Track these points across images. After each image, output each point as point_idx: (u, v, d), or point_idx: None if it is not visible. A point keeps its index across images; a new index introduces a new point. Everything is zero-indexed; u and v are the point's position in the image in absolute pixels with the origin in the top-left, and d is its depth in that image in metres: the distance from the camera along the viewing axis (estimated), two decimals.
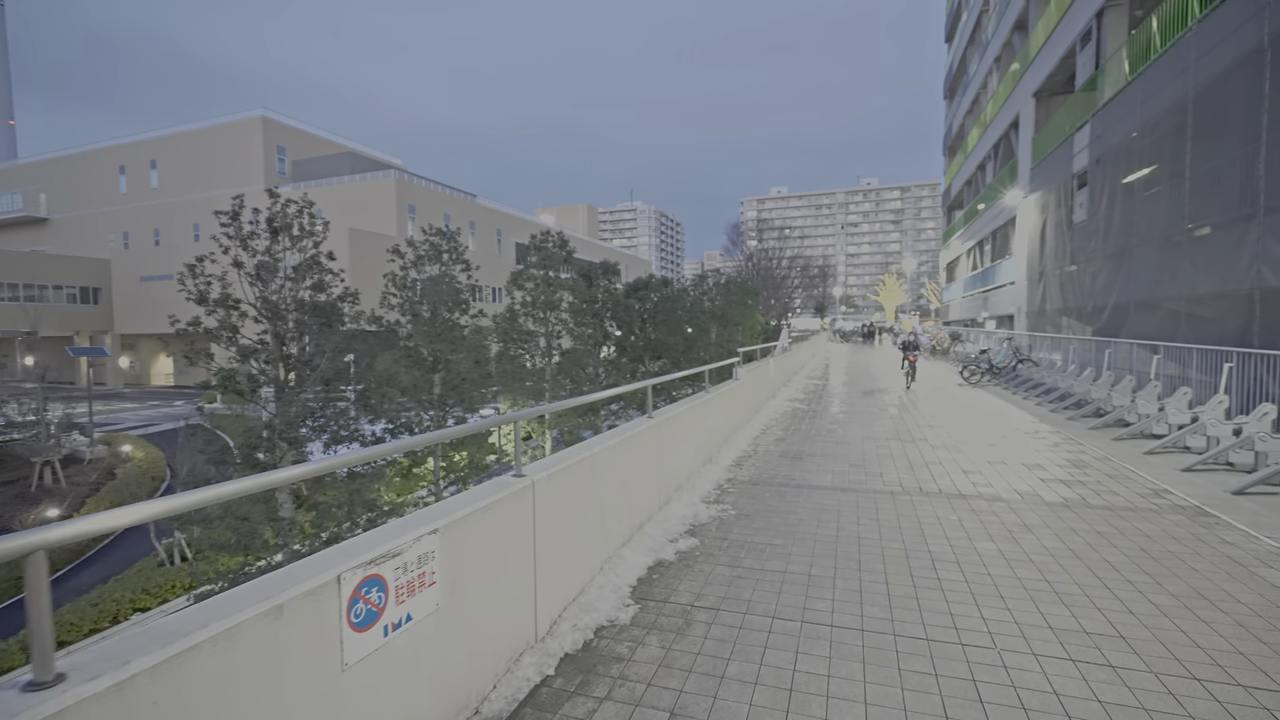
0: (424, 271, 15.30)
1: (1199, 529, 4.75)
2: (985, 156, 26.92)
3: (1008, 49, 23.69)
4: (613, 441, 4.18)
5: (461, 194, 49.48)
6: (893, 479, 6.41)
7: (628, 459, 4.49)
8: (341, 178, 44.55)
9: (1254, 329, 8.48)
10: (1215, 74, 9.56)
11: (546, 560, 3.27)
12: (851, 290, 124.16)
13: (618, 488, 4.29)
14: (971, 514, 5.20)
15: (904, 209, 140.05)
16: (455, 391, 14.77)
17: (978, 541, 4.53)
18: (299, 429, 10.43)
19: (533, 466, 3.37)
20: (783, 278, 64.13)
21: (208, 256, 10.70)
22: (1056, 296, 16.56)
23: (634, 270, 64.94)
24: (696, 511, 5.34)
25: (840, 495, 5.83)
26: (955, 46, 35.44)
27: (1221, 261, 9.27)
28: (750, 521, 5.09)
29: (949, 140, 37.91)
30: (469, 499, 2.75)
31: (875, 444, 8.24)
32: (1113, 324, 12.93)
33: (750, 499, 5.74)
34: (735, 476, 6.60)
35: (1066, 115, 16.62)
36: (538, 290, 19.06)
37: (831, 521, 5.05)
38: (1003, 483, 6.18)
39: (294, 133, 47.00)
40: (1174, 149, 10.65)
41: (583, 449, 3.85)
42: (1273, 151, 8.18)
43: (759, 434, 9.03)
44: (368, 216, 41.71)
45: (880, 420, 10.20)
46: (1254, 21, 8.58)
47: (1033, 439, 8.43)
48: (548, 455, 3.94)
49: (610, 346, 26.11)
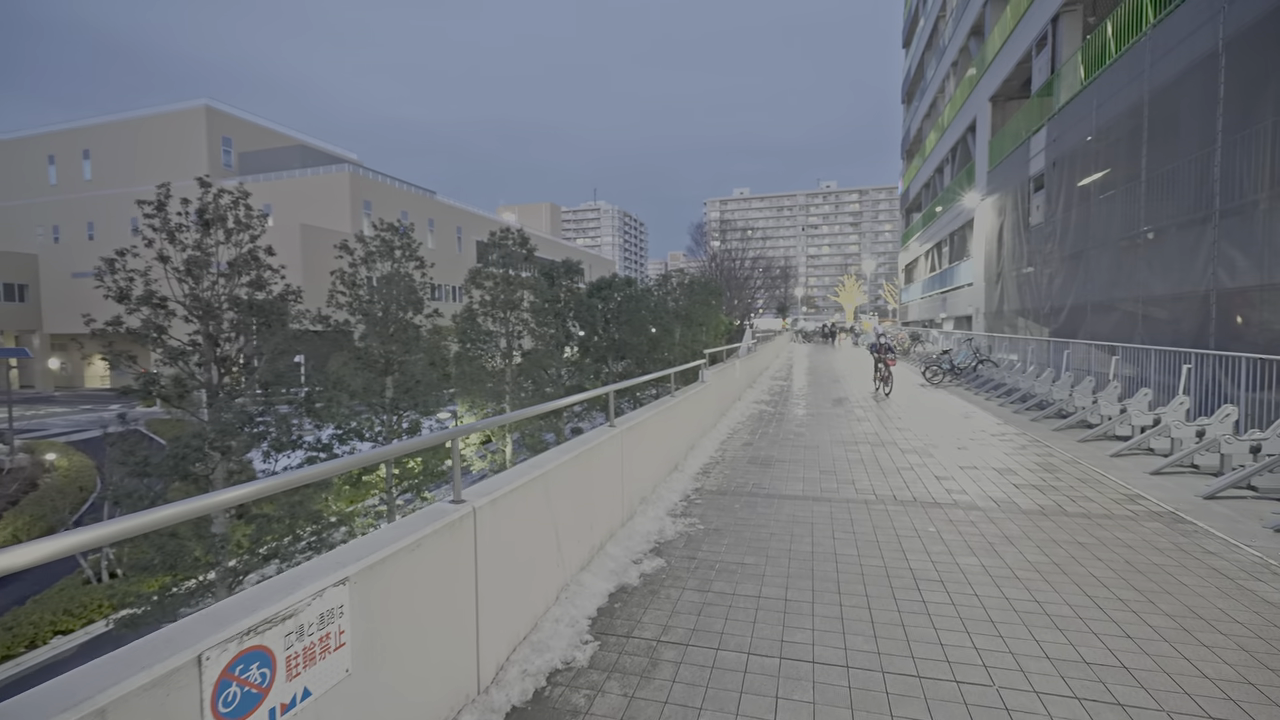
0: (375, 269, 14.52)
1: (1179, 537, 4.60)
2: (943, 160, 27.41)
3: (964, 54, 24.12)
4: (569, 456, 3.76)
5: (420, 190, 48.14)
6: (865, 486, 6.16)
7: (587, 473, 4.08)
8: (292, 172, 42.75)
9: (1210, 330, 8.58)
10: (1170, 78, 9.69)
11: (492, 597, 2.83)
12: (812, 291, 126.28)
13: (576, 506, 3.87)
14: (949, 524, 4.96)
15: (862, 212, 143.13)
16: (409, 395, 14.05)
17: (960, 556, 4.27)
18: (236, 436, 9.64)
19: (475, 490, 2.93)
20: (745, 278, 64.60)
21: (129, 250, 9.79)
22: (1014, 298, 16.82)
23: (598, 270, 64.45)
24: (662, 527, 4.96)
25: (813, 506, 5.53)
26: (913, 52, 36.10)
27: (1177, 263, 9.39)
28: (720, 537, 4.74)
29: (907, 143, 38.62)
30: (391, 535, 2.29)
31: (844, 448, 8.02)
32: (1070, 325, 13.12)
33: (719, 511, 5.39)
34: (703, 486, 6.25)
35: (1023, 119, 16.90)
36: (497, 289, 18.42)
37: (806, 535, 4.74)
38: (976, 489, 5.99)
39: (240, 124, 44.91)
40: (1130, 152, 10.81)
41: (534, 466, 3.42)
42: (1228, 155, 8.29)
43: (726, 438, 8.72)
44: (320, 212, 40.12)
45: (847, 423, 10.03)
46: (1208, 26, 8.70)
47: (1000, 441, 8.34)
48: (508, 459, 3.49)
49: (573, 347, 25.60)
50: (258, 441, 10.15)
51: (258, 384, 10.49)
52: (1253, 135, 7.85)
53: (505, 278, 18.48)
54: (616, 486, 4.73)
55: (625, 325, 23.36)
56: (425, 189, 49.43)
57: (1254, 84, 7.91)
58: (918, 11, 34.15)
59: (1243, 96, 8.08)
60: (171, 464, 9.25)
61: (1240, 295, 8.07)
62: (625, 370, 27.42)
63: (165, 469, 9.31)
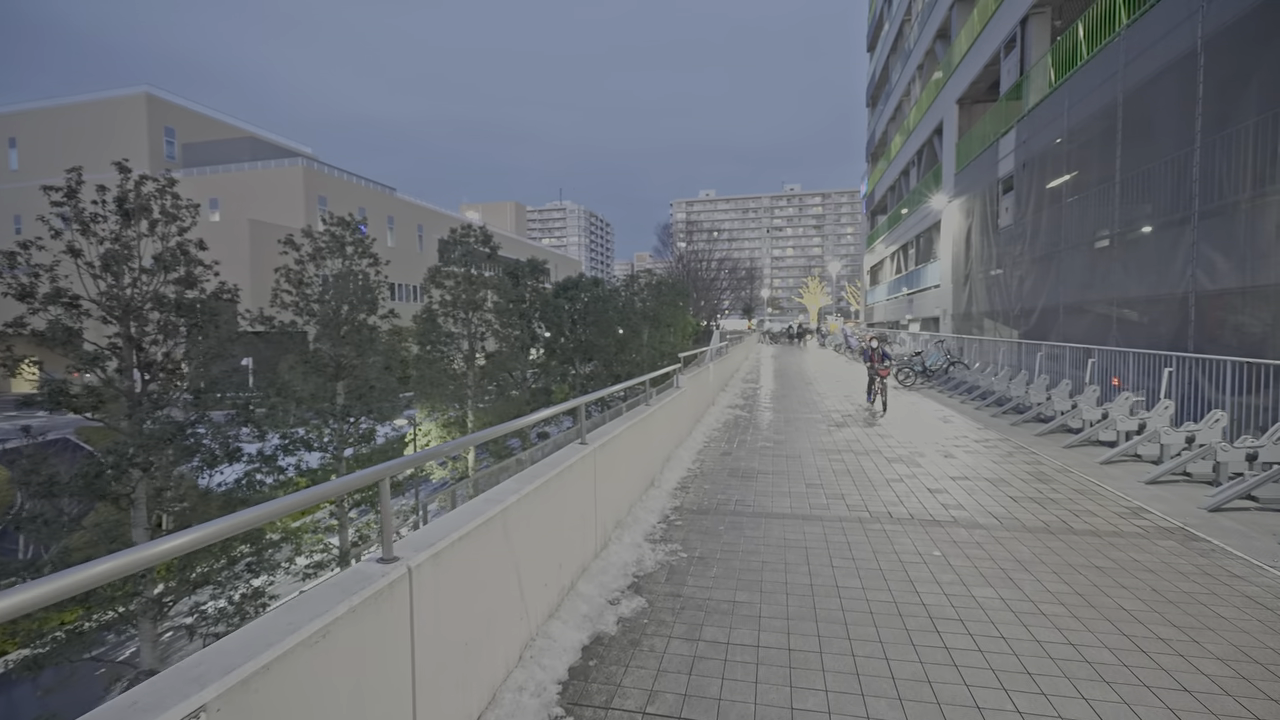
0: (325, 266, 13.55)
1: (1198, 558, 4.26)
2: (909, 162, 27.60)
3: (930, 57, 24.27)
4: (533, 485, 3.15)
5: (379, 186, 46.51)
6: (856, 502, 5.72)
7: (555, 502, 3.48)
8: (241, 165, 40.74)
9: (1189, 333, 8.46)
10: (1145, 78, 9.60)
11: (435, 677, 2.22)
12: (777, 292, 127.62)
13: (542, 543, 3.27)
14: (954, 546, 4.53)
15: (825, 215, 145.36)
16: (362, 400, 13.14)
17: (974, 587, 3.83)
18: (161, 450, 8.65)
19: (415, 540, 2.30)
20: (712, 279, 64.69)
21: (33, 242, 8.71)
22: (983, 299, 16.82)
23: (564, 270, 63.56)
24: (641, 556, 4.40)
25: (804, 526, 5.05)
26: (877, 56, 36.44)
27: (1154, 265, 9.29)
28: (706, 568, 4.20)
29: (872, 146, 38.99)
30: (283, 625, 1.66)
31: (828, 457, 7.59)
32: (1041, 327, 13.07)
33: (703, 535, 4.85)
34: (682, 504, 5.71)
35: (991, 121, 16.93)
36: (458, 289, 17.56)
37: (801, 564, 4.24)
38: (973, 503, 5.60)
39: (185, 113, 42.58)
40: (1103, 153, 10.72)
41: (491, 501, 2.81)
42: (1207, 155, 8.16)
43: (703, 448, 8.21)
44: (272, 208, 38.29)
45: (826, 428, 9.64)
46: (1186, 25, 8.58)
47: (986, 449, 8.05)
48: (470, 465, 2.85)
49: (539, 349, 24.82)
50: (187, 456, 9.17)
51: (188, 391, 9.47)
52: (1234, 135, 7.72)
53: (467, 277, 17.63)
54: (589, 513, 4.15)
55: (592, 326, 22.74)
56: (385, 185, 47.81)
57: (1234, 83, 7.79)
58: (882, 15, 34.46)
59: (1223, 96, 7.97)
60: (83, 483, 8.20)
61: (1221, 298, 7.95)
62: (593, 372, 26.79)
63: (76, 488, 8.26)
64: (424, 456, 2.62)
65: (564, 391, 29.12)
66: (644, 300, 33.41)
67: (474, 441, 2.99)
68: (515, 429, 3.64)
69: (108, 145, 39.37)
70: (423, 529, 2.42)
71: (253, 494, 10.05)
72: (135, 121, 39.87)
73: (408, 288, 43.51)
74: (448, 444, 2.69)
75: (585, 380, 26.75)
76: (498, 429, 3.35)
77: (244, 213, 37.40)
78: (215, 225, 36.76)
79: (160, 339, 9.34)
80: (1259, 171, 7.31)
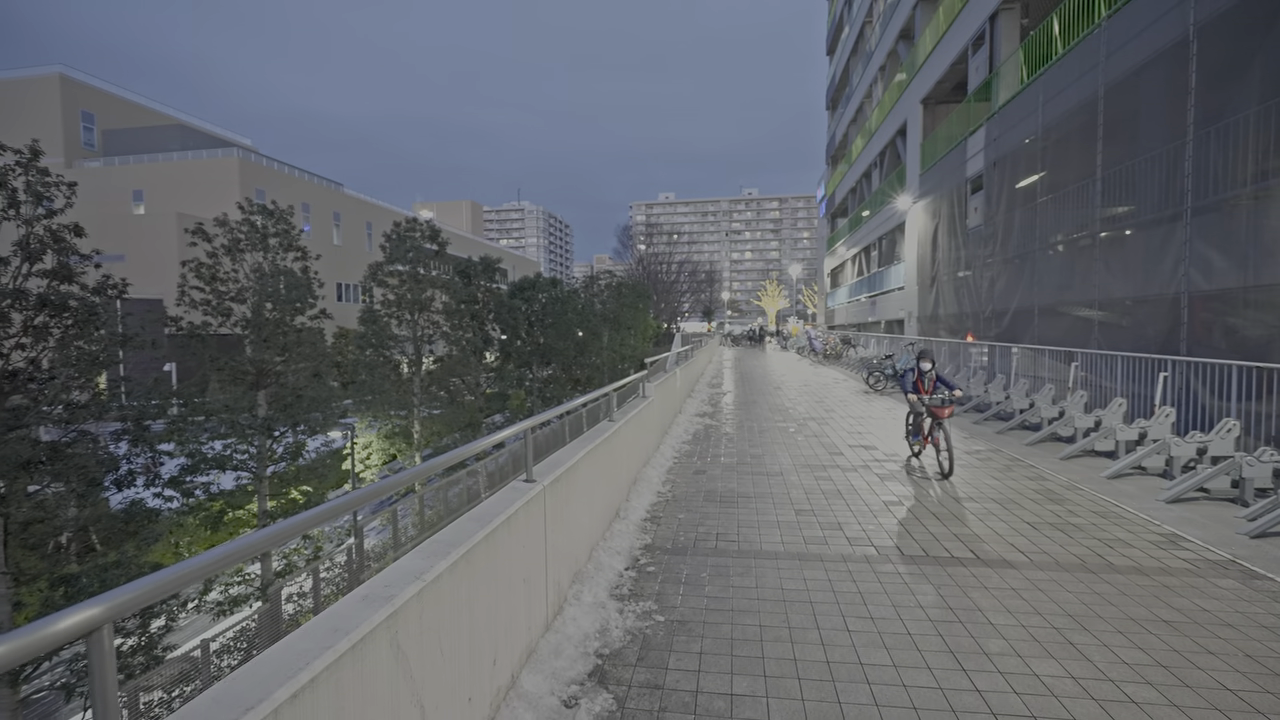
0: (243, 260, 12.02)
1: (1274, 604, 3.56)
2: (871, 164, 27.46)
3: (892, 58, 24.12)
4: (446, 563, 2.13)
5: (325, 181, 44.06)
6: (857, 533, 4.87)
7: (484, 575, 2.47)
8: (170, 154, 37.81)
9: (1181, 335, 8.02)
10: (1130, 70, 9.18)
11: None
12: (737, 295, 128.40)
13: (463, 641, 2.26)
14: (987, 594, 3.71)
15: (782, 219, 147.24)
16: (287, 411, 11.69)
17: (1035, 661, 2.99)
18: (16, 476, 7.11)
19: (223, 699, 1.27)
20: (672, 282, 64.24)
21: None
22: (951, 301, 16.49)
23: (521, 270, 62.03)
24: (605, 621, 3.42)
25: (803, 570, 4.16)
26: (837, 59, 36.46)
27: (1141, 265, 8.85)
28: (689, 638, 3.25)
29: (832, 149, 39.03)
30: None
31: (813, 475, 6.77)
32: (1014, 330, 12.68)
33: (682, 586, 3.91)
34: (654, 540, 4.76)
35: (958, 121, 16.63)
36: (403, 287, 16.17)
37: (810, 628, 3.33)
38: (989, 532, 4.84)
39: (105, 97, 39.37)
40: (1082, 149, 10.32)
41: (370, 603, 1.78)
42: (1200, 148, 7.72)
43: (673, 465, 7.28)
44: (204, 201, 35.60)
45: (804, 439, 8.85)
46: (1176, 12, 8.15)
47: (980, 461, 7.38)
48: (415, 485, 1.82)
49: (493, 352, 23.52)
50: (57, 481, 7.66)
51: (54, 403, 7.90)
52: (1231, 126, 7.27)
53: (412, 275, 16.25)
54: (538, 572, 3.14)
55: (550, 328, 21.60)
56: (332, 180, 45.37)
57: (1232, 71, 7.35)
58: (842, 19, 34.46)
59: (1218, 85, 7.53)
60: None
61: (1219, 298, 7.50)
62: (552, 376, 25.61)
63: None
64: (312, 516, 1.59)
65: (521, 396, 27.83)
66: (604, 302, 32.43)
67: (416, 476, 2.10)
68: (459, 459, 2.70)
69: (14, 128, 36.02)
70: (246, 679, 1.37)
71: (143, 525, 8.58)
72: (48, 104, 36.59)
73: (355, 287, 41.31)
74: (379, 484, 1.71)
75: (544, 384, 25.55)
76: (444, 458, 2.43)
77: (172, 206, 34.72)
78: (139, 218, 33.99)
79: (27, 343, 7.79)
80: (1263, 164, 6.86)
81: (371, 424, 17.46)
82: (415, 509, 14.31)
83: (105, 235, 31.01)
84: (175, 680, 8.21)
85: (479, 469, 14.91)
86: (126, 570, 7.55)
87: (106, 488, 8.32)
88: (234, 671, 1.41)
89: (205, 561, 1.28)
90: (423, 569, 1.99)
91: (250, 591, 10.35)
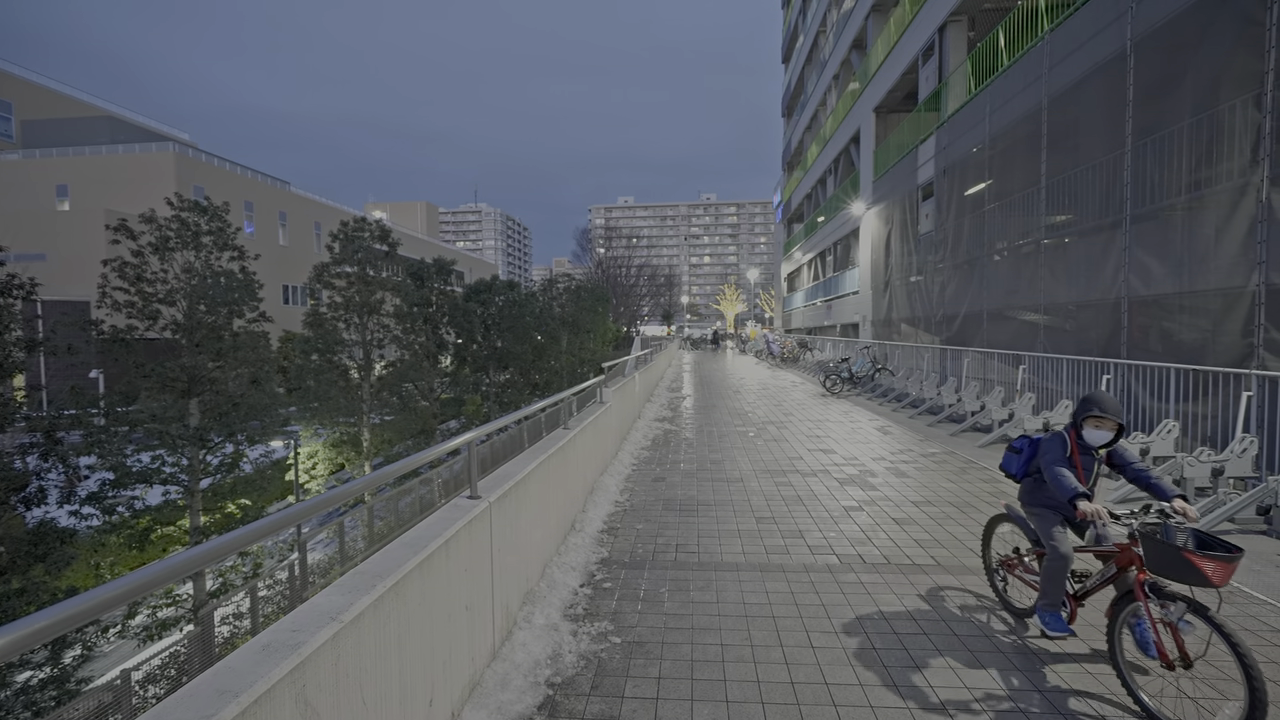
0: (173, 259, 11.24)
1: (1228, 608, 3.60)
2: (826, 170, 27.97)
3: (846, 67, 24.62)
4: (368, 599, 1.87)
5: (271, 179, 42.22)
6: (819, 541, 4.78)
7: (415, 608, 2.22)
8: (98, 148, 35.55)
9: (1121, 339, 8.30)
10: (1072, 82, 9.49)
11: None
12: (696, 299, 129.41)
13: (389, 686, 2.01)
14: (951, 605, 3.65)
15: (740, 224, 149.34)
16: (222, 420, 10.97)
17: (1000, 674, 2.91)
18: None
19: None
20: (631, 285, 64.24)
21: None
22: (903, 306, 16.85)
23: (479, 273, 60.86)
24: (558, 646, 3.20)
25: (765, 581, 4.03)
26: (792, 67, 37.10)
27: (1084, 270, 9.15)
28: (648, 660, 3.06)
29: (788, 155, 39.67)
30: None
31: (773, 480, 6.69)
32: (963, 333, 13.00)
33: (640, 603, 3.72)
34: (610, 554, 4.55)
35: (909, 129, 17.03)
36: (351, 289, 15.52)
37: (773, 646, 3.19)
38: (949, 536, 4.82)
39: (23, 85, 36.88)
40: (1027, 158, 10.63)
41: (269, 653, 1.52)
42: (1138, 158, 8.02)
43: (631, 473, 7.10)
44: (137, 198, 33.47)
45: (764, 443, 8.80)
46: (1115, 27, 8.46)
47: (935, 464, 7.44)
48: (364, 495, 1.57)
49: (448, 356, 22.88)
50: None
51: None
52: (1166, 138, 7.56)
53: (361, 276, 15.61)
54: (483, 597, 2.90)
55: (508, 332, 21.14)
56: (278, 179, 43.53)
57: (1166, 85, 7.65)
58: (797, 27, 35.08)
59: (1154, 98, 7.82)
60: None
61: (1157, 303, 7.78)
62: (509, 380, 25.09)
63: None
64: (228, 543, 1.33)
65: (477, 402, 27.18)
66: (563, 305, 32.07)
67: (361, 488, 1.91)
68: (409, 468, 2.48)
69: None
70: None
71: (55, 547, 7.84)
72: None
73: (302, 290, 39.72)
74: (324, 495, 1.47)
75: (500, 389, 25.01)
76: (388, 470, 2.18)
77: (101, 202, 32.63)
78: (64, 215, 31.86)
79: None
80: (1196, 174, 7.15)
81: (318, 432, 16.67)
82: (365, 520, 13.71)
83: (24, 233, 28.95)
84: (93, 715, 7.55)
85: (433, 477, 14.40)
86: (34, 597, 6.85)
87: (12, 506, 7.59)
88: None
89: (126, 586, 1.20)
90: (340, 607, 1.74)
91: (181, 614, 9.63)
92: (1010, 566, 3.53)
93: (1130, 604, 2.69)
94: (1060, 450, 3.13)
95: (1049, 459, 3.12)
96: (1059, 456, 3.11)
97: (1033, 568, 3.38)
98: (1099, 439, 3.05)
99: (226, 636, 9.88)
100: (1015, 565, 3.50)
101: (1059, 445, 3.15)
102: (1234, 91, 6.56)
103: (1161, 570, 2.51)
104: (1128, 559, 2.80)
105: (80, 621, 1.12)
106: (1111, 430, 3.02)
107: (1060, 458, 3.10)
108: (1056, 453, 3.13)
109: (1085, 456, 3.12)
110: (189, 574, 1.74)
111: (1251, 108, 6.30)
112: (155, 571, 1.27)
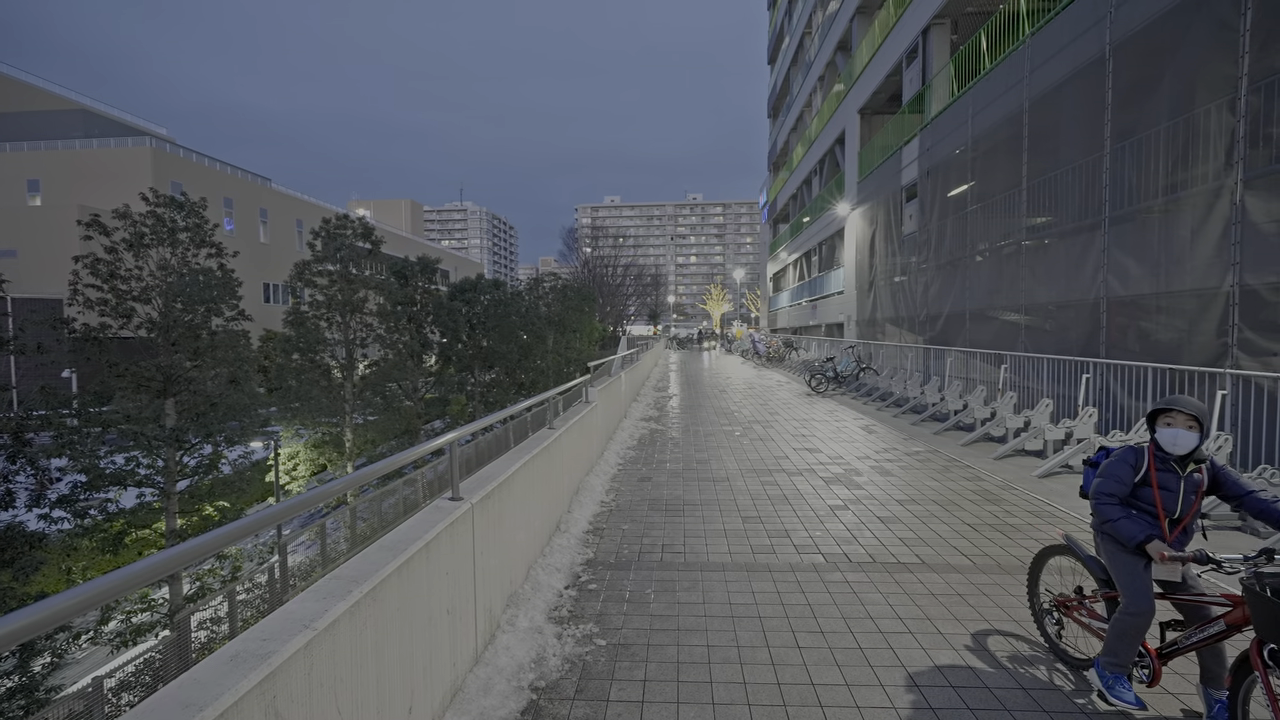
0: (148, 256, 10.99)
1: None
2: (811, 171, 28.13)
3: (831, 69, 24.77)
4: (344, 606, 1.82)
5: (251, 175, 41.54)
6: (804, 540, 4.78)
7: (392, 615, 2.17)
8: (70, 142, 34.74)
9: (1100, 339, 8.41)
10: (1051, 85, 9.61)
11: None
12: (682, 298, 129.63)
13: (374, 677, 1.95)
14: (935, 603, 3.66)
15: (726, 224, 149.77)
16: (199, 421, 10.76)
17: (984, 673, 2.92)
18: None
19: None
20: (618, 285, 64.18)
21: None
22: (888, 305, 16.98)
23: (464, 272, 60.42)
24: (542, 649, 3.15)
25: (751, 581, 4.01)
26: (778, 68, 37.28)
27: (1064, 271, 9.26)
28: (633, 663, 3.03)
29: (774, 156, 39.85)
30: None
31: (759, 479, 6.69)
32: (946, 333, 13.12)
33: (625, 605, 3.69)
34: (596, 555, 4.52)
35: (893, 130, 17.17)
36: (333, 288, 15.30)
37: (759, 646, 3.17)
38: (932, 534, 4.84)
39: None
40: (1009, 159, 10.75)
41: (236, 665, 1.47)
42: (1117, 161, 8.13)
43: (617, 473, 7.06)
44: (112, 194, 32.53)
45: (750, 443, 8.81)
46: (1094, 31, 8.57)
47: (920, 462, 7.49)
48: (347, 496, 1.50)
49: (433, 355, 22.67)
50: None
51: None
52: (1144, 141, 7.68)
53: (344, 274, 15.40)
54: (465, 601, 2.85)
55: (493, 331, 20.99)
56: (259, 175, 42.83)
57: (1144, 89, 7.76)
58: (783, 29, 35.24)
59: (1132, 102, 7.94)
60: None
61: (1134, 303, 7.90)
62: (495, 380, 24.91)
63: None
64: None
65: (462, 402, 26.97)
66: (549, 305, 31.94)
67: (340, 489, 1.90)
68: (392, 468, 2.43)
69: None
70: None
71: (22, 552, 7.61)
72: None
73: (283, 288, 39.13)
74: (305, 495, 1.43)
75: (486, 389, 24.83)
76: (370, 469, 2.15)
77: (75, 198, 31.88)
78: (35, 211, 31.11)
79: None
80: (1173, 177, 7.26)
81: (299, 432, 16.42)
82: (347, 522, 13.52)
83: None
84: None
85: (417, 477, 14.26)
86: (15, 592, 6.64)
87: None
88: None
89: (98, 589, 1.15)
90: (314, 614, 1.69)
91: (157, 619, 9.41)
92: (1068, 609, 2.89)
93: (1248, 676, 2.07)
94: (1126, 471, 2.42)
95: (1102, 484, 2.45)
96: (1120, 479, 2.42)
97: (1098, 612, 2.74)
98: (1177, 443, 2.35)
99: (204, 642, 9.69)
100: (1076, 607, 2.85)
101: (1124, 464, 2.44)
102: (1209, 96, 6.67)
103: (1277, 636, 1.93)
104: (1242, 617, 2.15)
105: (48, 626, 1.07)
106: (1185, 427, 2.35)
107: (1122, 481, 2.42)
108: (1118, 474, 2.43)
109: (1168, 474, 2.39)
110: (164, 576, 1.71)
111: (1226, 112, 6.41)
112: (128, 574, 1.22)
